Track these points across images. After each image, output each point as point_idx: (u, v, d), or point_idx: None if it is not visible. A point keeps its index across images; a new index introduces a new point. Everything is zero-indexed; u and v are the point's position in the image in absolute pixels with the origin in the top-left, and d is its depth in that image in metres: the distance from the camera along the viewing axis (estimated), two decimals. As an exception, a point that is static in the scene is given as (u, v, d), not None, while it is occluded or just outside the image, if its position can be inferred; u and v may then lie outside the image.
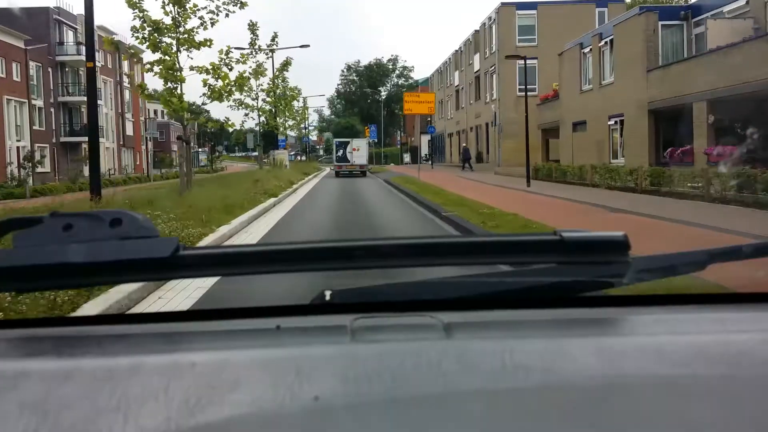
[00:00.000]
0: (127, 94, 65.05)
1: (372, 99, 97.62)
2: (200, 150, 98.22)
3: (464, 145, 44.90)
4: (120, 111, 59.96)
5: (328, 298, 0.86)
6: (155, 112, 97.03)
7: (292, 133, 50.77)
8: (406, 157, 68.35)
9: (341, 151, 36.72)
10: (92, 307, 4.40)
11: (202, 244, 8.11)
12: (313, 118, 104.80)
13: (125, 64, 64.01)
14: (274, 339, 0.78)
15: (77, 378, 0.63)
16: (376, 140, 56.44)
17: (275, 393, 0.60)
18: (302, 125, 51.66)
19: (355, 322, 0.79)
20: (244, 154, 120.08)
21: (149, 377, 0.63)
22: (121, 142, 56.24)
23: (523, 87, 36.80)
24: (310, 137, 67.29)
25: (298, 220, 12.65)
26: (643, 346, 0.71)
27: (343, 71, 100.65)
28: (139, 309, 4.87)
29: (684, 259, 0.88)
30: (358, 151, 36.23)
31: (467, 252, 0.81)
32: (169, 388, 0.61)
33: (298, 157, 67.68)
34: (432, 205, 13.71)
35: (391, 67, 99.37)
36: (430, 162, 62.85)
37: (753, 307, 0.94)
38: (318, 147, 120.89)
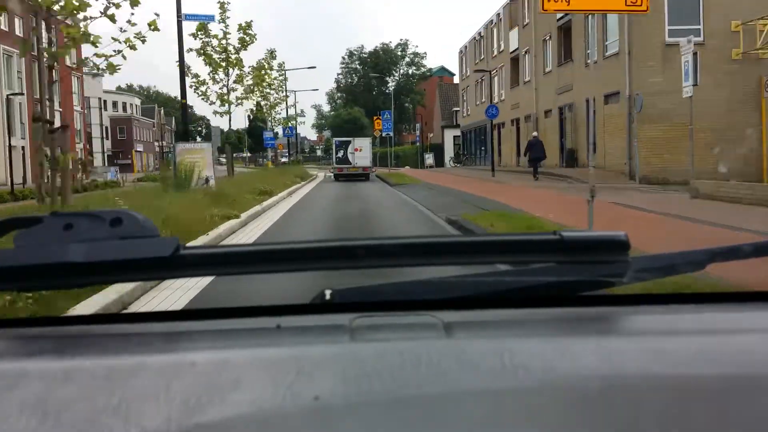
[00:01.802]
0: (53, 75, 47.38)
1: (378, 90, 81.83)
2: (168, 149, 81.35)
3: (534, 135, 25.64)
4: (40, 96, 42.50)
5: (328, 297, 0.86)
6: (116, 104, 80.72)
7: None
8: (429, 159, 51.43)
9: (342, 151, 31.38)
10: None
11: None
12: (311, 115, 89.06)
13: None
14: (274, 338, 0.78)
15: (77, 378, 0.63)
16: (390, 134, 38.97)
17: (275, 392, 0.60)
18: (277, 107, 34.05)
19: (355, 321, 0.79)
20: (236, 154, 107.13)
21: (149, 377, 0.63)
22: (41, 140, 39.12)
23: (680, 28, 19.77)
24: (297, 129, 49.26)
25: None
26: (643, 345, 0.71)
27: (344, 58, 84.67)
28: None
29: (684, 258, 0.88)
30: (361, 151, 31.34)
31: (467, 251, 0.81)
32: (170, 387, 0.61)
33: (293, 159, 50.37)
34: None
35: (400, 53, 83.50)
36: (460, 164, 45.98)
37: (753, 306, 0.94)
38: (317, 147, 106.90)
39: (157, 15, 9.27)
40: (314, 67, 40.34)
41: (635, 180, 20.46)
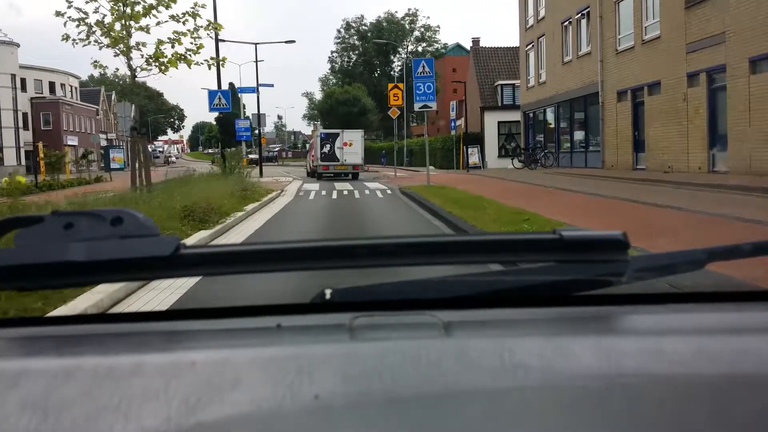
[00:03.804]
0: None
1: (382, 71, 63.55)
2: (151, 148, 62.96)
3: None
4: None
5: (328, 296, 0.87)
6: (40, 84, 62.48)
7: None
8: (474, 155, 33.62)
9: (328, 146, 26.56)
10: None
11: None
12: (302, 105, 71.67)
13: None
14: (274, 338, 0.78)
15: (78, 377, 0.63)
16: (431, 105, 18.06)
17: (275, 392, 0.60)
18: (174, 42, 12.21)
19: (355, 320, 0.79)
20: (212, 150, 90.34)
21: (150, 376, 0.63)
22: None
23: None
24: (258, 105, 29.88)
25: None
26: (642, 344, 0.71)
27: (339, 32, 66.96)
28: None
29: (683, 257, 0.88)
30: (351, 146, 26.60)
31: (467, 250, 0.81)
32: (170, 386, 0.61)
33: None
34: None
35: (408, 26, 65.29)
36: (531, 164, 28.03)
37: (753, 306, 0.94)
38: (308, 142, 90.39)
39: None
40: (293, 41, 25.59)
41: None
